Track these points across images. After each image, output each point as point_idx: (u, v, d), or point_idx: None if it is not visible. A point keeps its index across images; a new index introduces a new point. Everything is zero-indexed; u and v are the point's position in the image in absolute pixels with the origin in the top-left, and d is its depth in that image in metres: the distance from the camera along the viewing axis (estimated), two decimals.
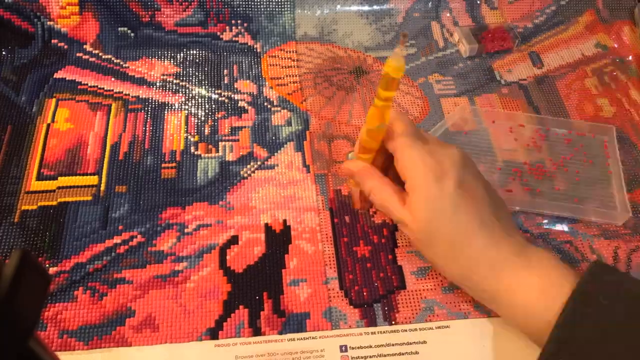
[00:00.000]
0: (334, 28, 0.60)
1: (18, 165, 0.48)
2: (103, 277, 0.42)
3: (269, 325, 0.40)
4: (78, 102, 0.52)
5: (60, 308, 0.40)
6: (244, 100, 0.54)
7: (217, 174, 0.48)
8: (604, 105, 0.55)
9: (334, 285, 0.42)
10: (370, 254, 0.44)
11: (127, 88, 0.54)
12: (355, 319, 0.40)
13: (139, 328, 0.40)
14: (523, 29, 0.61)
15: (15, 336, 0.18)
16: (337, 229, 0.45)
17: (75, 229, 0.44)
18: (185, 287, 0.41)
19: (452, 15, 0.61)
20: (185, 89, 0.54)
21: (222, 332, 0.40)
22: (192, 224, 0.45)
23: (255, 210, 0.46)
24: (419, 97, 0.55)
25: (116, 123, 0.51)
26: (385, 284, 0.42)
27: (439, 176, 0.37)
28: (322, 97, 0.54)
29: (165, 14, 0.58)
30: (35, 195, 0.46)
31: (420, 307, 0.41)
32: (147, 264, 0.43)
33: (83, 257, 0.43)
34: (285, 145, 0.51)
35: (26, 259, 0.19)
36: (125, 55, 0.56)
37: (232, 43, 0.58)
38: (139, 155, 0.49)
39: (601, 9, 0.62)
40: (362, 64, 0.58)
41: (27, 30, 0.56)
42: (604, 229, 0.46)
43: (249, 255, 0.43)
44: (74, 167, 0.48)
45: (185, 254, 0.43)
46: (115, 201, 0.46)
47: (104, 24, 0.57)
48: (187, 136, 0.51)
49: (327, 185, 0.48)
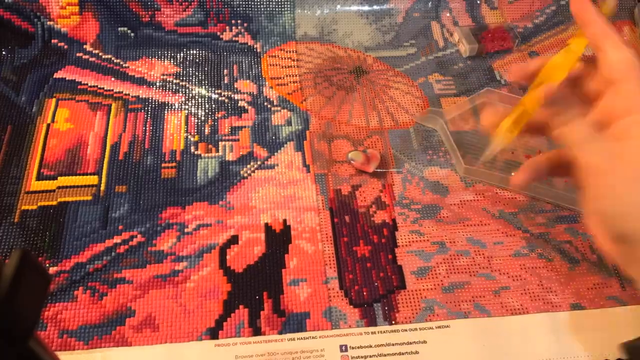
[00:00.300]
0: (334, 28, 0.60)
1: (18, 165, 0.48)
2: (103, 276, 0.42)
3: (269, 325, 0.40)
4: (78, 102, 0.52)
5: (60, 308, 0.40)
6: (244, 100, 0.54)
7: (217, 174, 0.48)
8: None
9: (334, 285, 0.42)
10: (370, 253, 0.44)
11: (127, 88, 0.54)
12: (355, 319, 0.40)
13: (139, 328, 0.40)
14: (523, 29, 0.61)
15: (15, 336, 0.18)
16: (337, 229, 0.45)
17: (75, 228, 0.44)
18: (185, 287, 0.41)
19: (452, 15, 0.61)
20: (185, 89, 0.54)
21: (222, 331, 0.40)
22: (192, 224, 0.45)
23: (255, 210, 0.46)
24: (419, 97, 0.55)
25: (116, 123, 0.51)
26: (385, 283, 0.42)
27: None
28: (322, 97, 0.54)
29: (165, 14, 0.58)
30: (35, 195, 0.46)
31: (420, 307, 0.41)
32: (147, 264, 0.43)
33: (83, 256, 0.43)
34: (285, 145, 0.51)
35: (26, 259, 0.19)
36: (125, 55, 0.56)
37: (232, 43, 0.58)
38: (139, 155, 0.49)
39: None
40: (362, 64, 0.58)
41: (27, 30, 0.56)
42: None
43: (249, 255, 0.43)
44: (74, 167, 0.48)
45: (185, 253, 0.43)
46: (115, 201, 0.46)
47: (104, 23, 0.57)
48: (187, 136, 0.51)
49: (327, 185, 0.48)
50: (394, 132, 0.52)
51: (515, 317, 0.41)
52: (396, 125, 0.52)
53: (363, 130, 0.52)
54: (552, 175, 0.40)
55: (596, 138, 0.29)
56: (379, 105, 0.54)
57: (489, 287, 0.42)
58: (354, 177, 0.48)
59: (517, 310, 0.41)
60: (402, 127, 0.52)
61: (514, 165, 0.49)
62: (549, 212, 0.47)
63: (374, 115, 0.53)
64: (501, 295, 0.42)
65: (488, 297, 0.42)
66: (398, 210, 0.46)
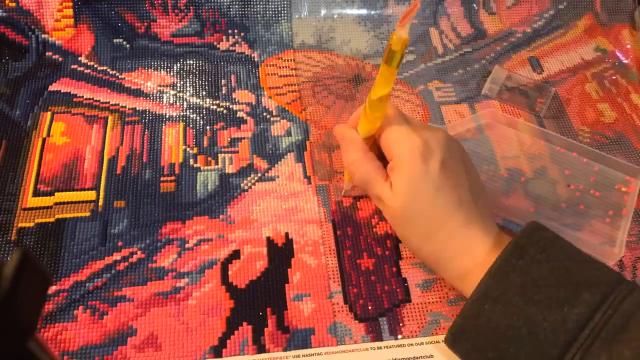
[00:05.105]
0: (331, 36, 0.59)
1: (13, 182, 0.47)
2: (103, 295, 0.41)
3: (273, 342, 0.39)
4: (74, 115, 0.52)
5: (60, 328, 0.39)
6: (242, 110, 0.53)
7: (217, 187, 0.47)
8: (605, 110, 0.55)
9: (338, 300, 0.41)
10: (374, 266, 0.43)
11: (123, 100, 0.53)
12: (361, 334, 0.40)
13: (141, 347, 0.39)
14: (522, 34, 0.61)
15: (15, 336, 0.18)
16: (340, 242, 0.45)
17: (73, 246, 0.43)
18: (187, 304, 0.41)
19: (450, 22, 0.61)
20: (182, 100, 0.53)
21: (226, 349, 0.39)
22: (192, 239, 0.44)
23: (256, 224, 0.45)
24: (419, 105, 0.55)
25: (113, 136, 0.50)
26: (390, 297, 0.42)
27: (425, 155, 0.37)
28: (322, 106, 0.54)
29: (161, 25, 0.57)
30: (32, 212, 0.45)
31: (426, 320, 0.41)
32: (147, 281, 0.42)
33: (82, 274, 0.42)
34: (286, 156, 0.50)
35: (26, 259, 0.18)
36: (121, 67, 0.55)
37: (229, 53, 0.58)
38: (137, 169, 0.48)
39: (600, 12, 0.62)
40: (361, 72, 0.57)
41: (21, 44, 0.55)
42: (610, 236, 0.46)
43: (251, 270, 0.43)
44: (71, 183, 0.47)
45: (187, 269, 0.43)
46: (114, 217, 0.45)
47: (99, 35, 0.56)
48: (185, 148, 0.50)
49: (329, 197, 0.47)
50: None
51: None
52: None
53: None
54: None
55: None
56: None
57: None
58: (356, 188, 0.48)
59: None
60: None
61: None
62: (553, 220, 0.46)
63: None
64: None
65: None
66: None
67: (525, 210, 0.47)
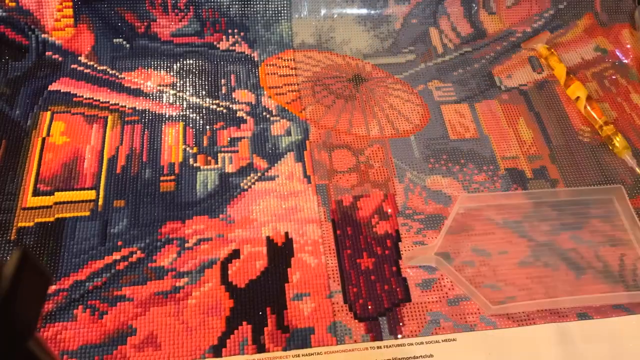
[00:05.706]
0: (331, 35, 0.59)
1: (13, 181, 0.47)
2: (103, 294, 0.41)
3: (273, 342, 0.39)
4: (73, 115, 0.52)
5: (59, 328, 0.39)
6: (242, 110, 0.53)
7: (216, 186, 0.47)
8: (605, 110, 0.55)
9: (338, 299, 0.41)
10: (374, 266, 0.43)
11: (123, 99, 0.53)
12: (361, 333, 0.40)
13: (140, 347, 0.39)
14: (522, 34, 0.61)
15: (15, 336, 0.18)
16: (339, 241, 0.45)
17: (73, 245, 0.43)
18: (187, 304, 0.41)
19: (450, 21, 0.61)
20: (182, 100, 0.53)
21: (226, 349, 0.39)
22: (192, 238, 0.44)
23: (256, 223, 0.45)
24: (419, 104, 0.55)
25: (113, 136, 0.50)
26: (390, 296, 0.42)
27: None
28: (322, 106, 0.54)
29: (161, 25, 0.57)
30: (31, 211, 0.45)
31: (426, 320, 0.41)
32: (147, 281, 0.42)
33: (82, 274, 0.42)
34: (285, 155, 0.50)
35: (26, 258, 0.18)
36: (121, 66, 0.55)
37: (229, 52, 0.58)
38: (137, 169, 0.48)
39: (599, 12, 0.62)
40: (361, 72, 0.57)
41: (20, 44, 0.55)
42: (610, 236, 0.46)
43: (251, 270, 0.43)
44: (71, 182, 0.47)
45: (186, 269, 0.43)
46: (114, 216, 0.45)
47: (99, 35, 0.56)
48: (185, 148, 0.50)
49: (329, 196, 0.47)
50: (394, 140, 0.51)
51: (522, 328, 0.40)
52: (397, 134, 0.52)
53: (364, 139, 0.51)
54: None
55: None
56: (379, 113, 0.53)
57: (495, 298, 0.42)
58: (356, 188, 0.48)
59: (524, 321, 0.41)
60: (403, 136, 0.52)
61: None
62: (554, 220, 0.46)
63: (374, 124, 0.53)
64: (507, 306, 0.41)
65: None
66: (401, 220, 0.46)
67: (525, 210, 0.47)
